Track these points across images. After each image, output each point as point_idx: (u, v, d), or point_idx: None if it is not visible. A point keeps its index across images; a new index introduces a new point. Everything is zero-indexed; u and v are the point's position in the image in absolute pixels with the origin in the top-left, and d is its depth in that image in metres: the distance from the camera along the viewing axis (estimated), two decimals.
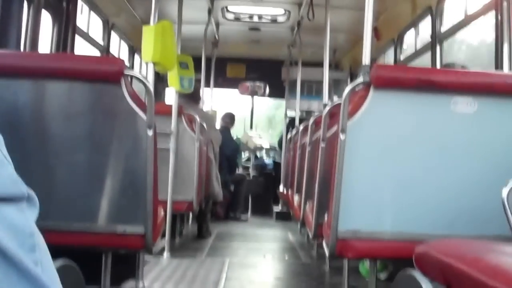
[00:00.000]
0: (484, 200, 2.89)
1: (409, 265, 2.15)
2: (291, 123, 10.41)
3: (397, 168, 3.06)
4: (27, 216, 0.97)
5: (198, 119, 6.34)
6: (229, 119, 10.47)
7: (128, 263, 4.08)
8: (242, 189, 10.41)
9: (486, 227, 2.84)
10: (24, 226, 0.94)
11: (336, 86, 11.01)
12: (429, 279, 1.96)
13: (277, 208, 10.59)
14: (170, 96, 7.41)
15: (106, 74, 2.98)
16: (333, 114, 3.76)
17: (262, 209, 10.98)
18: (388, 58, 8.52)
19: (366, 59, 3.13)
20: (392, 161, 3.06)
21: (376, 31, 7.93)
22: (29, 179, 1.20)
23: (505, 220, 2.35)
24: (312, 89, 11.48)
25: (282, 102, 11.92)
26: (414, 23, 7.19)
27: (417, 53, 7.20)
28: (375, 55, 8.59)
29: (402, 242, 2.93)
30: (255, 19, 9.47)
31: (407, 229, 2.99)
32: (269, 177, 11.66)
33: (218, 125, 9.77)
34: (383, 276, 4.49)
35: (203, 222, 7.62)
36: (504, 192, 2.38)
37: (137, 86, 3.33)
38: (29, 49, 4.78)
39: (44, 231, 1.10)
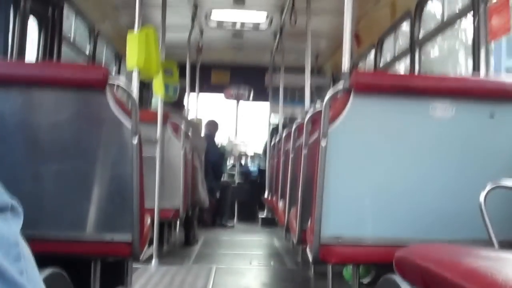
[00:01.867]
0: (462, 204, 2.92)
1: (391, 269, 2.19)
2: (275, 130, 10.43)
3: (377, 173, 3.09)
4: (11, 225, 0.98)
5: (183, 126, 6.36)
6: (213, 126, 10.49)
7: (116, 271, 4.10)
8: (228, 196, 10.44)
9: (464, 231, 2.88)
10: (8, 236, 0.95)
11: (318, 92, 11.05)
12: (409, 283, 1.99)
13: (263, 214, 10.61)
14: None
15: (91, 82, 2.97)
16: (315, 120, 3.78)
17: (248, 216, 10.99)
18: (370, 63, 8.56)
19: (346, 65, 3.17)
20: (373, 166, 3.09)
21: (357, 37, 7.96)
22: (16, 188, 1.23)
23: (483, 224, 2.41)
24: (295, 95, 11.51)
25: None
26: (394, 28, 7.23)
27: (397, 58, 7.24)
28: (356, 60, 8.63)
29: (383, 247, 2.96)
30: (238, 26, 9.50)
31: (388, 234, 3.02)
32: (254, 183, 11.66)
33: (202, 133, 9.79)
34: (366, 280, 4.52)
35: (190, 229, 7.64)
36: (482, 196, 2.43)
37: (122, 94, 3.34)
38: (16, 56, 4.79)
39: (33, 240, 1.13)
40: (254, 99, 12.22)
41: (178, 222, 8.04)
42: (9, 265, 0.91)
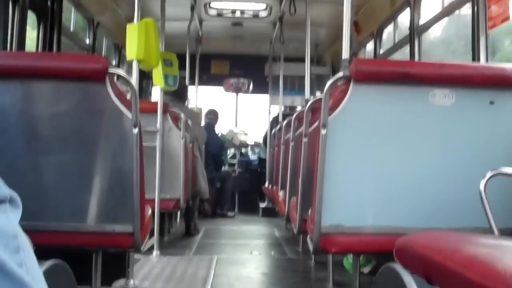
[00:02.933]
0: (462, 192, 2.92)
1: (391, 258, 2.19)
2: (275, 119, 10.42)
3: (377, 161, 3.09)
4: (10, 218, 0.98)
5: (183, 116, 6.36)
6: (213, 116, 10.47)
7: (118, 262, 4.11)
8: (228, 186, 10.45)
9: (464, 219, 2.88)
10: (7, 228, 0.95)
11: (318, 81, 11.03)
12: (409, 272, 2.00)
13: (263, 204, 10.63)
14: (156, 94, 7.42)
15: (91, 73, 2.96)
16: (315, 109, 3.78)
17: (248, 206, 11.02)
18: (369, 51, 8.55)
19: (345, 53, 3.16)
20: (373, 154, 3.09)
21: (356, 25, 7.95)
22: (17, 179, 1.23)
23: (483, 212, 2.41)
24: (295, 84, 11.50)
25: None
26: (393, 17, 7.22)
27: (396, 46, 7.23)
28: (356, 49, 8.62)
29: (383, 236, 2.97)
30: (238, 14, 9.49)
31: (388, 223, 3.02)
32: (254, 173, 11.66)
33: (202, 123, 9.78)
34: (366, 269, 4.53)
35: (190, 220, 7.65)
36: (482, 184, 2.43)
37: (122, 85, 3.34)
38: (16, 49, 4.79)
39: (34, 232, 1.13)
40: (254, 90, 12.20)
41: (178, 213, 8.06)
42: (8, 257, 0.91)
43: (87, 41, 7.58)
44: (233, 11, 9.44)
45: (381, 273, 2.29)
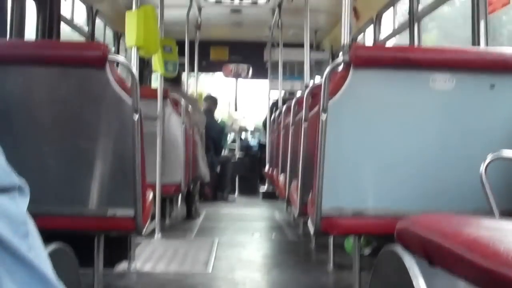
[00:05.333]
0: (463, 175, 2.94)
1: (392, 240, 2.21)
2: (275, 104, 10.44)
3: (378, 145, 3.10)
4: (19, 204, 1.01)
5: (183, 102, 6.37)
6: (212, 101, 10.48)
7: (120, 245, 4.14)
8: (228, 170, 10.47)
9: (465, 201, 2.89)
10: (17, 215, 0.98)
11: (318, 67, 11.04)
12: (411, 253, 2.01)
13: (263, 188, 10.67)
14: (156, 81, 7.44)
15: (91, 60, 2.96)
16: (315, 94, 3.79)
17: (249, 189, 11.04)
18: (368, 37, 8.54)
19: (345, 39, 3.17)
20: (373, 139, 3.09)
21: (355, 11, 7.94)
22: (18, 165, 1.25)
23: (483, 195, 2.43)
24: (294, 70, 11.51)
25: None
26: (392, 2, 7.20)
27: (396, 32, 7.23)
28: (355, 35, 8.61)
29: (384, 218, 2.99)
30: (236, 1, 9.47)
31: (389, 206, 3.04)
32: (254, 157, 11.68)
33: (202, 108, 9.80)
34: (367, 251, 4.56)
35: (191, 204, 7.70)
36: (482, 168, 2.45)
37: (122, 72, 3.34)
38: (15, 37, 4.79)
39: (37, 216, 1.15)
40: (253, 76, 12.21)
41: (179, 197, 8.09)
42: (18, 242, 0.94)
43: (86, 29, 7.57)
44: None
45: (382, 255, 2.31)
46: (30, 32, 5.48)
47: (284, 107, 6.38)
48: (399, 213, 2.73)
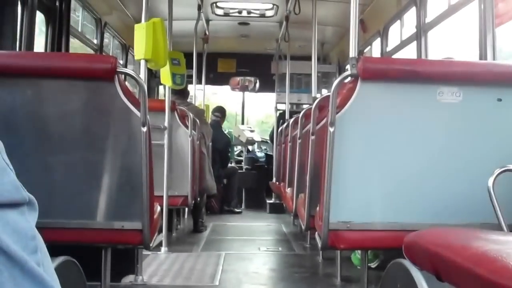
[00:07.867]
0: (471, 188, 2.92)
1: (399, 254, 2.20)
2: (282, 116, 10.44)
3: (385, 159, 3.09)
4: (28, 219, 1.01)
5: (191, 114, 6.38)
6: (220, 113, 10.48)
7: (127, 258, 4.14)
8: (235, 182, 10.46)
9: (473, 215, 2.88)
10: (26, 230, 0.98)
11: (324, 79, 11.05)
12: (418, 267, 2.01)
13: (270, 201, 10.64)
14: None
15: (100, 72, 2.98)
16: (322, 107, 3.79)
17: (256, 202, 11.02)
18: (375, 50, 8.55)
19: (353, 51, 3.17)
20: (381, 152, 3.09)
21: (362, 24, 7.95)
22: (27, 178, 1.25)
23: (491, 208, 2.42)
24: (301, 83, 11.50)
25: None
26: (399, 15, 7.21)
27: (403, 44, 7.23)
28: (362, 48, 8.63)
29: (392, 232, 2.97)
30: (244, 14, 9.51)
31: (397, 219, 3.02)
32: (261, 170, 11.66)
33: (209, 120, 9.81)
34: (374, 264, 4.55)
35: (198, 216, 7.69)
36: (490, 181, 2.44)
37: (130, 83, 3.35)
38: (24, 49, 4.82)
39: (45, 229, 1.15)
40: (260, 89, 12.22)
41: (186, 209, 8.09)
42: (28, 257, 0.94)
43: (95, 41, 7.61)
44: (240, 11, 9.46)
45: (390, 269, 2.31)
46: (40, 44, 5.51)
47: (292, 119, 6.39)
48: (407, 227, 2.73)
